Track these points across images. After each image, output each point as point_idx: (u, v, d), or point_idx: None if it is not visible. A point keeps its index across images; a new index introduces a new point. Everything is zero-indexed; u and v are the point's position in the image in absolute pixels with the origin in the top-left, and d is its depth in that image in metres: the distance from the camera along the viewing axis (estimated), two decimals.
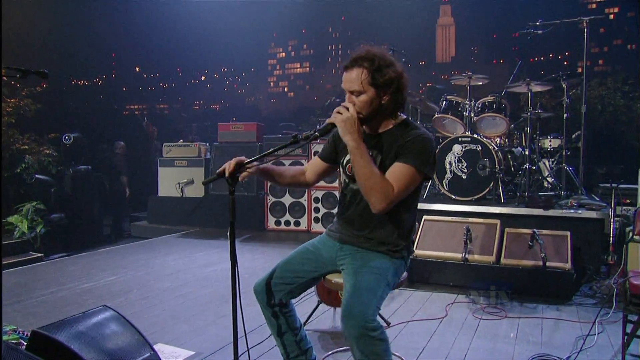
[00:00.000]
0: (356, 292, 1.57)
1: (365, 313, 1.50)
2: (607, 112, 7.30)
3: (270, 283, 1.80)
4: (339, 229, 1.83)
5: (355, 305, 1.52)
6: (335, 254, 1.81)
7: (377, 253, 1.71)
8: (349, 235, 1.78)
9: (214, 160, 6.42)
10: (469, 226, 3.58)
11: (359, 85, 1.63)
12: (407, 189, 1.62)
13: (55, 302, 3.19)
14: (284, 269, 1.84)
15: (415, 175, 1.62)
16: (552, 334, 2.59)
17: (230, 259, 1.60)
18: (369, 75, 1.62)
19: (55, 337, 1.71)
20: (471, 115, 4.54)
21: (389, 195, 1.57)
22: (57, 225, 5.77)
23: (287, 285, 1.80)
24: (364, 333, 1.47)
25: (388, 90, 1.65)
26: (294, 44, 52.14)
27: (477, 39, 34.07)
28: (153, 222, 6.65)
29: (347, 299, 1.56)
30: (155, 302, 3.22)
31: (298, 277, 1.82)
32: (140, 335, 1.90)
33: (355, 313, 1.50)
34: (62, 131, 6.68)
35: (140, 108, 22.60)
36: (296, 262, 1.86)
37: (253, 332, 2.42)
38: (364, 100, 1.64)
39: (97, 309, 1.97)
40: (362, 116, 1.66)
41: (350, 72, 1.65)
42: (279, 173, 1.90)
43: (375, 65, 1.62)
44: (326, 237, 1.89)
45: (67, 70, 11.85)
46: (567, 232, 3.37)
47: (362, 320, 1.48)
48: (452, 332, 2.63)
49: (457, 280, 3.49)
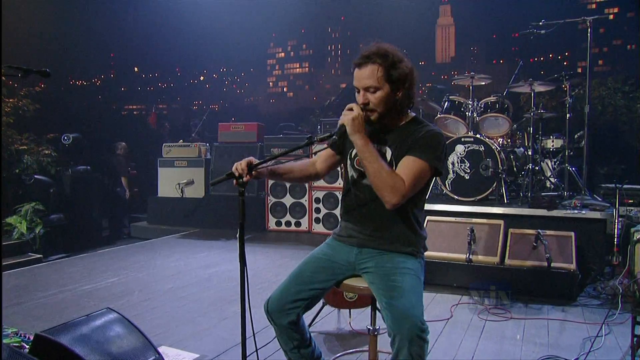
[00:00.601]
0: (405, 294, 1.54)
1: (420, 314, 1.51)
2: (607, 112, 7.29)
3: (285, 301, 1.70)
4: (352, 232, 1.76)
5: (408, 307, 1.50)
6: (355, 259, 1.74)
7: (403, 254, 1.69)
8: (367, 238, 1.72)
9: (214, 160, 6.40)
10: (473, 227, 3.57)
11: (375, 81, 1.61)
12: (418, 183, 1.61)
13: (55, 304, 3.16)
14: (298, 282, 1.73)
15: (426, 169, 1.61)
16: (558, 335, 2.57)
17: (239, 261, 1.56)
18: (383, 71, 1.60)
19: (59, 340, 1.69)
20: (474, 115, 4.53)
21: (400, 189, 1.55)
22: (57, 226, 5.73)
23: (303, 300, 1.70)
24: (418, 335, 1.46)
25: (402, 86, 1.64)
26: (293, 44, 52.12)
27: (477, 39, 34.08)
28: (153, 222, 6.63)
29: (398, 302, 1.52)
30: (157, 303, 3.20)
31: (314, 289, 1.72)
32: (145, 338, 1.88)
33: (410, 315, 1.48)
34: (61, 131, 6.65)
35: (139, 108, 22.50)
36: (309, 273, 1.75)
37: (257, 335, 2.39)
38: (380, 96, 1.62)
39: (101, 311, 1.95)
40: (378, 113, 1.64)
41: (364, 68, 1.62)
42: (288, 169, 1.86)
43: (389, 61, 1.60)
44: (337, 243, 1.81)
45: (65, 70, 11.77)
46: (571, 232, 3.36)
47: (418, 321, 1.47)
48: (458, 334, 2.61)
49: (461, 281, 3.47)
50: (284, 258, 4.58)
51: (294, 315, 1.69)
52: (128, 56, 19.78)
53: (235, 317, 2.92)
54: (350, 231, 1.78)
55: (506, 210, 3.73)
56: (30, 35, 9.51)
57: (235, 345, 2.45)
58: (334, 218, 5.61)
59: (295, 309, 1.69)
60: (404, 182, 1.57)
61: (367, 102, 1.63)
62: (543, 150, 4.57)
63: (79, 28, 14.33)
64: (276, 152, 5.99)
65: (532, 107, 4.28)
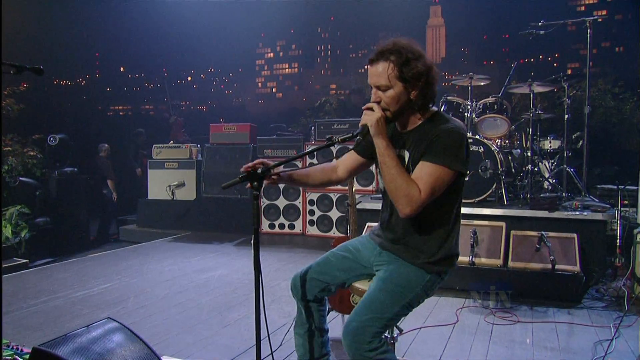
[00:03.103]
0: (364, 305, 1.54)
1: (362, 333, 1.48)
2: (598, 113, 7.40)
3: (309, 276, 1.75)
4: (380, 233, 1.78)
5: (353, 321, 1.51)
6: (374, 259, 1.75)
7: (413, 266, 1.63)
8: (388, 242, 1.72)
9: (205, 162, 6.30)
10: (476, 229, 3.56)
11: (385, 80, 1.53)
12: (435, 191, 1.49)
13: (48, 313, 3.04)
14: (322, 263, 1.79)
15: (444, 174, 1.49)
16: (568, 339, 2.57)
17: (254, 268, 1.49)
18: (395, 69, 1.52)
19: (58, 354, 1.61)
20: (472, 116, 4.53)
21: (413, 199, 1.46)
22: (43, 230, 5.59)
23: (323, 282, 1.75)
24: (359, 351, 1.47)
25: (417, 85, 1.54)
26: (282, 44, 51.90)
27: (468, 40, 34.34)
28: (143, 225, 6.50)
29: (352, 312, 1.54)
30: (154, 310, 3.11)
31: (335, 275, 1.76)
32: (149, 349, 1.80)
33: (350, 330, 1.49)
34: (46, 132, 6.49)
35: (125, 109, 22.15)
36: (334, 259, 1.80)
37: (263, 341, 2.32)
38: (391, 95, 1.55)
39: (101, 321, 1.86)
40: (390, 113, 1.57)
41: (376, 66, 1.55)
42: (306, 174, 1.79)
43: (403, 59, 1.52)
44: (368, 239, 1.83)
45: (49, 69, 11.53)
46: (574, 234, 3.36)
47: (357, 339, 1.47)
48: (467, 338, 2.59)
49: (464, 284, 3.45)
50: (281, 262, 4.51)
51: (313, 292, 1.74)
52: (114, 56, 19.46)
53: (237, 324, 2.84)
54: (379, 232, 1.79)
55: (507, 212, 3.73)
56: (12, 32, 9.26)
57: (241, 354, 2.38)
58: (329, 220, 5.55)
59: (314, 287, 1.74)
60: (420, 191, 1.47)
61: (378, 100, 1.57)
62: (540, 151, 4.60)
63: (63, 26, 14.02)
64: (269, 153, 5.92)
65: (531, 108, 4.30)
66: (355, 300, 2.58)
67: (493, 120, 4.45)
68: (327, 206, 5.59)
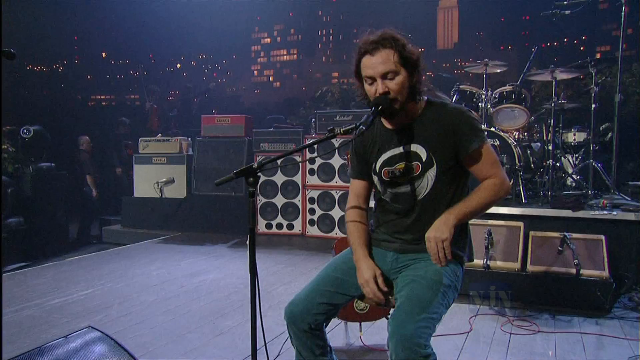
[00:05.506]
0: (414, 307, 1.51)
1: (419, 336, 1.44)
2: (631, 102, 7.29)
3: (313, 303, 1.68)
4: (388, 237, 1.78)
5: (406, 324, 1.46)
6: (390, 266, 1.75)
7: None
8: (409, 244, 1.73)
9: (197, 156, 6.30)
10: (490, 229, 3.54)
11: (393, 65, 1.60)
12: (497, 162, 1.69)
13: (21, 323, 3.04)
14: (327, 284, 1.73)
15: (488, 147, 1.68)
16: (597, 352, 2.56)
17: (249, 272, 1.48)
18: (397, 55, 1.61)
19: None
20: (487, 106, 4.51)
21: (501, 191, 1.66)
22: (15, 231, 5.60)
23: (331, 306, 1.70)
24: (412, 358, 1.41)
25: (416, 70, 1.65)
26: (280, 28, 51.88)
27: (483, 23, 34.11)
28: (128, 226, 6.52)
29: (396, 315, 1.51)
30: (141, 318, 3.12)
31: (344, 294, 1.73)
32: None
33: (405, 333, 1.44)
34: (19, 124, 6.48)
35: (108, 99, 22.12)
36: (340, 275, 1.75)
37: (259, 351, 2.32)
38: (400, 81, 1.61)
39: (81, 331, 1.85)
40: (400, 101, 1.63)
41: (378, 55, 1.61)
42: (366, 237, 1.81)
43: (401, 44, 1.61)
44: (373, 247, 1.81)
45: (20, 53, 11.53)
46: (601, 236, 3.34)
47: (415, 344, 1.42)
48: (482, 349, 2.58)
49: (478, 290, 3.44)
50: (279, 265, 4.51)
51: (321, 318, 1.69)
52: (95, 39, 19.43)
53: (231, 333, 2.85)
54: (387, 236, 1.79)
55: (525, 211, 3.71)
56: None
57: None
58: (330, 220, 5.55)
59: (321, 314, 1.69)
60: (497, 176, 1.66)
61: (387, 91, 1.61)
62: (563, 144, 4.58)
63: (36, 5, 13.97)
64: (266, 147, 5.92)
65: (553, 97, 4.28)
66: (359, 305, 2.58)
67: (510, 110, 4.44)
68: (329, 204, 5.59)
